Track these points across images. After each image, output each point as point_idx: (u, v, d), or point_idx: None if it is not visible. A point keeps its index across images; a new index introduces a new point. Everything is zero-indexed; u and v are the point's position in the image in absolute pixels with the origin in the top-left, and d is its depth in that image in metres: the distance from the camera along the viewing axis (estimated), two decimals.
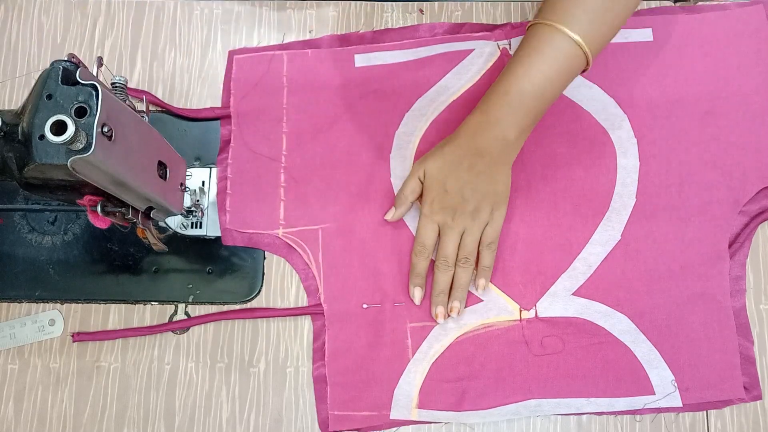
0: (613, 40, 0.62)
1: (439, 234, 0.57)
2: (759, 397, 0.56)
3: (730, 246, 0.58)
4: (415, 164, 0.58)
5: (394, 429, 0.57)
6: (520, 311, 0.58)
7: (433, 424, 0.57)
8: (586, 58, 0.52)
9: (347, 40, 0.64)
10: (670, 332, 0.56)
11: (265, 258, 0.61)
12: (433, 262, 0.58)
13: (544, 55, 0.52)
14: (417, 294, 0.57)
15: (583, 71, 0.54)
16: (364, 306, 0.59)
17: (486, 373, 0.57)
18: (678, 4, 0.65)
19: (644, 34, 0.63)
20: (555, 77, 0.52)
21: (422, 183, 0.57)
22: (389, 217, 0.58)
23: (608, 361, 0.56)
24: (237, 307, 0.60)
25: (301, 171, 0.61)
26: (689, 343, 0.56)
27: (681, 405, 0.55)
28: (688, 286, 0.57)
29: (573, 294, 0.58)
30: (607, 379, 0.56)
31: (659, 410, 0.56)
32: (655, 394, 0.56)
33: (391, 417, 0.56)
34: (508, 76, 0.53)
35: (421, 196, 0.58)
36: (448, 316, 0.57)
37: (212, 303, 0.60)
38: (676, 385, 0.56)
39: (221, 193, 0.61)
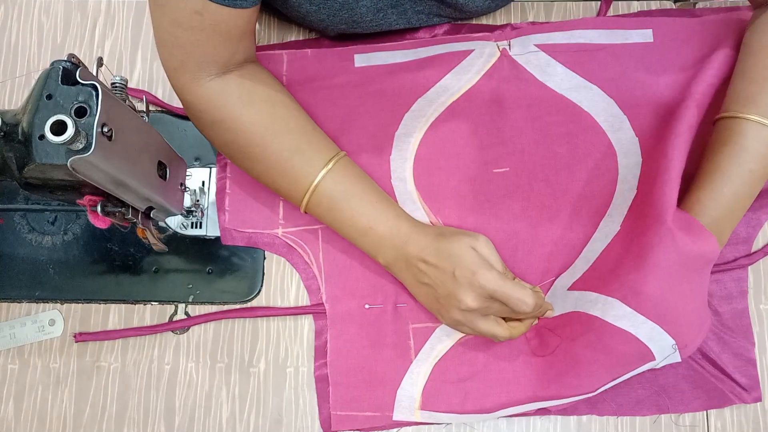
0: (613, 41, 0.62)
1: None
2: (759, 399, 0.56)
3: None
4: None
5: (396, 430, 0.57)
6: None
7: (432, 423, 0.57)
8: None
9: (347, 40, 0.64)
10: (665, 301, 0.52)
11: (265, 258, 0.61)
12: None
13: (751, 152, 0.50)
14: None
15: None
16: (366, 306, 0.59)
17: (489, 374, 0.57)
18: (677, 4, 0.65)
19: (644, 35, 0.63)
20: (763, 173, 0.51)
21: None
22: None
23: (609, 351, 0.53)
24: (237, 306, 0.60)
25: None
26: (683, 303, 0.53)
27: (680, 360, 0.53)
28: (678, 247, 0.52)
29: (568, 289, 0.57)
30: (612, 369, 0.54)
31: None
32: (655, 359, 0.53)
33: (394, 418, 0.56)
34: (720, 180, 0.51)
35: None
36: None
37: (212, 303, 0.60)
38: (676, 347, 0.53)
39: (220, 192, 0.61)
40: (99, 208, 0.46)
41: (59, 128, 0.38)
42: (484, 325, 0.52)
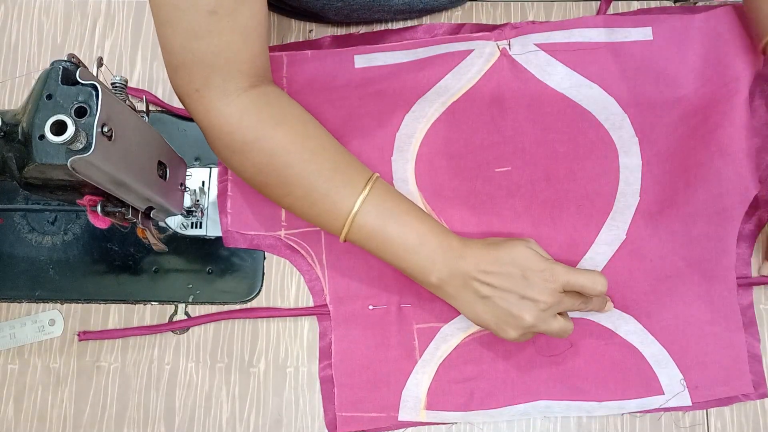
0: (613, 40, 0.62)
1: None
2: (765, 395, 0.56)
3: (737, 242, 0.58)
4: None
5: (402, 430, 0.57)
6: None
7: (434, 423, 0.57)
8: None
9: (347, 41, 0.64)
10: (678, 331, 0.56)
11: (265, 258, 0.61)
12: None
13: None
14: None
15: None
16: (370, 307, 0.59)
17: (494, 373, 0.57)
18: (677, 4, 0.65)
19: (644, 33, 0.63)
20: None
21: None
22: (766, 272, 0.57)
23: (616, 363, 0.56)
24: (237, 307, 0.60)
25: None
26: (697, 340, 0.56)
27: (690, 404, 0.55)
28: (695, 282, 0.57)
29: None
30: (615, 380, 0.56)
31: (668, 410, 0.56)
32: (664, 393, 0.55)
33: (400, 418, 0.56)
34: None
35: None
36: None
37: (212, 303, 0.60)
38: (684, 384, 0.55)
39: (221, 194, 0.61)
40: (99, 208, 0.46)
41: (59, 128, 0.38)
42: (556, 323, 0.51)
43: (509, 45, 0.63)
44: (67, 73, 0.41)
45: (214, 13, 0.45)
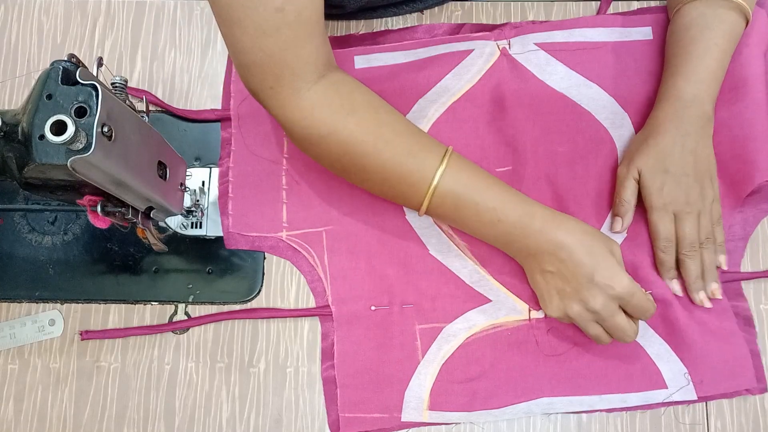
0: (613, 39, 0.62)
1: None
2: (765, 390, 0.56)
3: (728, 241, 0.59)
4: (621, 169, 0.58)
5: (405, 431, 0.57)
6: (529, 311, 0.58)
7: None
8: (746, 17, 0.56)
9: (347, 42, 0.64)
10: (680, 325, 0.56)
11: (265, 258, 0.61)
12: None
13: (714, 29, 0.56)
14: (677, 286, 0.57)
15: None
16: (372, 308, 0.59)
17: (496, 373, 0.57)
18: None
19: (644, 33, 0.63)
20: (728, 47, 0.56)
21: (638, 182, 0.57)
22: (618, 227, 0.58)
23: (618, 358, 0.56)
24: (237, 307, 0.60)
25: (302, 173, 0.61)
26: (700, 335, 0.56)
27: (696, 398, 0.55)
28: None
29: None
30: (618, 375, 0.56)
31: (672, 403, 0.56)
32: (668, 387, 0.56)
33: (403, 419, 0.56)
34: (688, 59, 0.56)
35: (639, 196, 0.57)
36: (710, 299, 0.57)
37: (212, 303, 0.60)
38: (689, 378, 0.55)
39: (222, 196, 0.61)
40: (99, 208, 0.46)
41: (59, 128, 0.38)
42: (593, 329, 0.53)
43: (509, 45, 0.63)
44: (67, 73, 0.41)
45: (281, 9, 0.46)
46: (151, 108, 0.63)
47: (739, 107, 0.59)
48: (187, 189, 0.56)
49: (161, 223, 0.59)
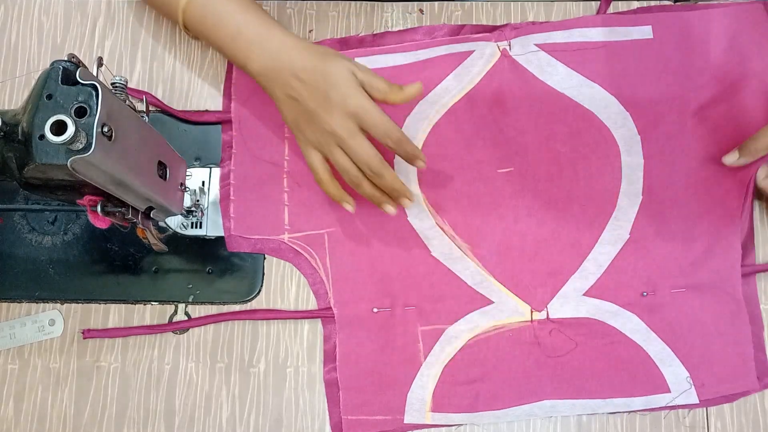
0: (613, 39, 0.62)
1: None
2: (767, 386, 0.56)
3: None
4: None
5: None
6: (532, 312, 0.58)
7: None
8: None
9: (347, 44, 0.64)
10: (682, 329, 0.56)
11: (265, 258, 0.61)
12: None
13: None
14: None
15: None
16: (375, 310, 0.59)
17: (499, 374, 0.57)
18: (677, 2, 0.65)
19: (644, 32, 0.63)
20: None
21: None
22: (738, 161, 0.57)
23: (621, 361, 0.56)
24: (237, 307, 0.60)
25: (304, 176, 0.61)
26: (702, 338, 0.56)
27: (698, 401, 0.56)
28: (700, 279, 0.57)
29: (584, 294, 0.58)
30: (621, 378, 0.56)
31: (675, 407, 0.56)
32: (670, 392, 0.56)
33: (405, 421, 0.56)
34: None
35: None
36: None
37: (212, 303, 0.60)
38: (691, 381, 0.56)
39: (224, 199, 0.61)
40: (99, 208, 0.46)
41: (59, 128, 0.38)
42: (339, 157, 0.52)
43: (509, 46, 0.63)
44: (67, 73, 0.41)
45: None
46: (151, 108, 0.63)
47: (736, 111, 0.59)
48: (187, 189, 0.56)
49: (161, 223, 0.59)
